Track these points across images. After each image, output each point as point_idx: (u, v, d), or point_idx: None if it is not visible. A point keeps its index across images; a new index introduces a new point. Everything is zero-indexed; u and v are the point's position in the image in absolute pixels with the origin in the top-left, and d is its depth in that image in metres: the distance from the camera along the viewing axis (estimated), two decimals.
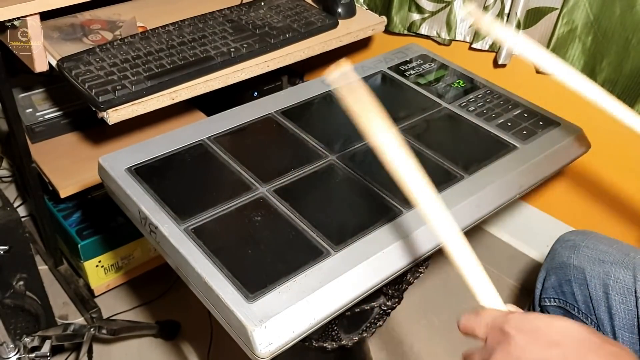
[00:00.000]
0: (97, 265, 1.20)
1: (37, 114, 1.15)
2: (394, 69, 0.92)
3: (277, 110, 0.81)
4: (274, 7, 1.10)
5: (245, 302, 0.54)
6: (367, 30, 1.12)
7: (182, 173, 0.70)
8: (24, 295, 1.00)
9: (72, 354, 1.16)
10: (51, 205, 1.22)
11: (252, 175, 0.69)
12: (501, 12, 1.09)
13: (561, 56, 1.06)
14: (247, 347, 0.53)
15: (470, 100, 0.85)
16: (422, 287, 1.35)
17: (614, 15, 0.97)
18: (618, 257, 0.77)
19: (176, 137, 0.74)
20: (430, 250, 0.64)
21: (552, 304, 0.83)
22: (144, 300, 1.29)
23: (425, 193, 0.51)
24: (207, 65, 0.92)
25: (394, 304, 0.78)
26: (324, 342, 0.75)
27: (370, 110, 0.53)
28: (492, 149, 0.76)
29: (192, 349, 1.21)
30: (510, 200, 0.72)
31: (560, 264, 0.81)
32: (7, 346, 0.86)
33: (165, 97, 0.88)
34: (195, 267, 0.57)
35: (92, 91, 0.84)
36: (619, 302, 0.75)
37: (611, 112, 0.63)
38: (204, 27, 1.00)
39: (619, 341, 0.75)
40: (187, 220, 0.62)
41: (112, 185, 0.68)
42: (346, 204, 0.68)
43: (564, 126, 0.82)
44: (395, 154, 0.52)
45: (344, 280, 0.57)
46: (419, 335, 1.26)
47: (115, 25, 1.03)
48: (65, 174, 1.06)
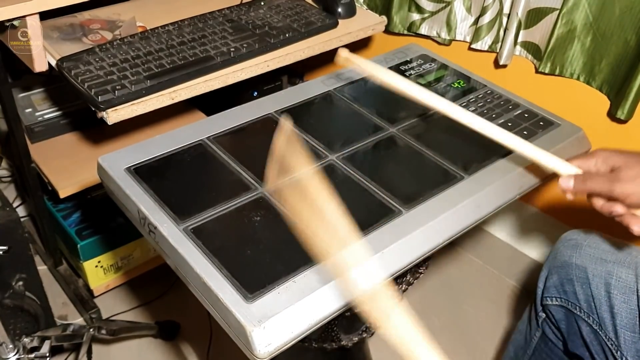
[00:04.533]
0: (96, 265, 1.20)
1: (36, 114, 1.15)
2: (394, 69, 0.92)
3: (277, 110, 0.81)
4: (274, 6, 1.10)
5: (244, 302, 0.53)
6: (367, 30, 1.12)
7: (181, 173, 0.70)
8: (24, 295, 1.00)
9: (72, 354, 1.16)
10: (50, 205, 1.22)
11: (251, 175, 0.69)
12: (500, 12, 1.09)
13: (560, 56, 1.06)
14: (246, 347, 0.52)
15: (471, 100, 0.85)
16: (422, 288, 1.35)
17: (613, 16, 0.97)
18: (620, 257, 0.77)
19: (176, 137, 0.74)
20: (430, 251, 0.64)
21: (554, 303, 0.83)
22: (143, 301, 1.29)
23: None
24: (206, 65, 0.92)
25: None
26: (323, 343, 0.75)
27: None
28: (493, 150, 0.76)
29: (191, 350, 1.21)
30: (510, 200, 0.72)
31: (563, 263, 0.81)
32: (7, 346, 0.86)
33: (164, 97, 0.88)
34: (194, 267, 0.57)
35: (91, 91, 0.84)
36: (621, 302, 0.75)
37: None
38: (203, 27, 1.00)
39: (620, 340, 0.75)
40: (187, 220, 0.62)
41: (112, 185, 0.68)
42: (346, 204, 0.68)
43: (564, 126, 0.82)
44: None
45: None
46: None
47: (115, 25, 1.03)
48: (65, 174, 1.06)
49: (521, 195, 0.74)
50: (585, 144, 0.81)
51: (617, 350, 0.76)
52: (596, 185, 0.61)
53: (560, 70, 1.07)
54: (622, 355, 0.75)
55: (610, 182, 0.60)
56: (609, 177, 0.61)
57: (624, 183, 0.60)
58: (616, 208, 0.61)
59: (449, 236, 0.65)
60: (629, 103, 0.96)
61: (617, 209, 0.61)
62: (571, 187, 0.63)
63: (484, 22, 1.10)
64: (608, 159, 0.63)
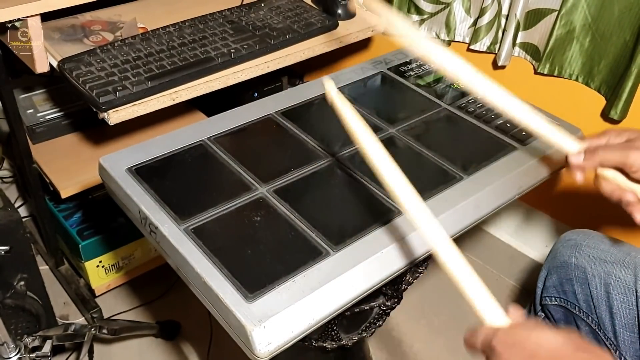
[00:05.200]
0: (97, 265, 1.20)
1: (38, 115, 1.15)
2: (394, 70, 0.92)
3: (277, 110, 0.81)
4: (274, 8, 1.10)
5: (244, 302, 0.54)
6: (367, 32, 1.12)
7: (182, 173, 0.70)
8: (25, 295, 1.00)
9: (73, 354, 1.17)
10: (52, 205, 1.22)
11: (251, 176, 0.69)
12: (498, 13, 1.09)
13: (559, 57, 1.06)
14: (247, 347, 0.53)
15: (470, 101, 0.86)
16: (422, 287, 1.35)
17: (612, 16, 0.98)
18: (619, 257, 0.77)
19: (176, 138, 0.75)
20: (430, 251, 0.64)
21: (553, 302, 0.83)
22: (144, 300, 1.29)
23: (414, 202, 0.53)
24: (207, 66, 0.92)
25: (394, 304, 0.78)
26: (323, 342, 0.76)
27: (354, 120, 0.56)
28: (492, 150, 0.76)
29: (192, 349, 1.22)
30: (509, 200, 0.72)
31: (562, 263, 0.81)
32: (8, 346, 0.86)
33: (165, 97, 0.88)
34: (195, 267, 0.57)
35: (92, 92, 0.84)
36: (620, 302, 0.75)
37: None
38: (204, 28, 1.01)
39: (619, 340, 0.75)
40: (187, 221, 0.62)
41: (113, 186, 0.69)
42: (346, 204, 0.69)
43: (563, 127, 0.82)
44: (381, 163, 0.54)
45: (343, 281, 0.57)
46: (419, 335, 1.26)
47: (116, 26, 1.03)
48: (66, 174, 1.07)
49: (520, 195, 0.74)
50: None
51: (616, 350, 0.76)
52: (609, 155, 0.59)
53: (559, 71, 1.07)
54: (621, 355, 0.76)
55: (624, 150, 0.58)
56: (623, 145, 0.59)
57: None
58: (628, 196, 0.59)
59: (449, 236, 0.65)
60: (622, 103, 0.97)
61: (629, 196, 0.59)
62: (582, 162, 0.61)
63: (482, 23, 1.11)
64: (622, 133, 0.61)
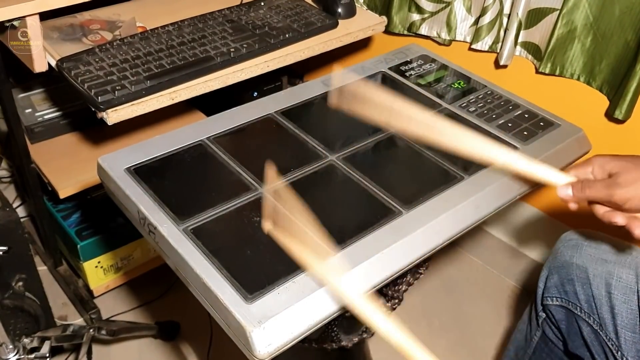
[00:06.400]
0: (96, 265, 1.20)
1: (36, 114, 1.15)
2: (395, 69, 0.92)
3: (277, 110, 0.81)
4: (274, 7, 1.10)
5: (244, 302, 0.53)
6: (367, 31, 1.12)
7: (181, 173, 0.70)
8: (24, 295, 1.00)
9: (72, 354, 1.16)
10: (50, 205, 1.22)
11: (251, 176, 0.69)
12: (500, 12, 1.09)
13: (560, 57, 1.06)
14: (246, 348, 0.52)
15: (471, 100, 0.85)
16: (422, 288, 1.35)
17: (613, 16, 0.97)
18: (621, 257, 0.77)
19: (175, 138, 0.74)
20: (430, 251, 0.64)
21: (554, 303, 0.83)
22: (143, 301, 1.29)
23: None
24: (206, 66, 0.92)
25: (394, 304, 0.78)
26: (323, 343, 0.75)
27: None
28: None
29: (191, 350, 1.21)
30: (510, 201, 0.72)
31: (563, 263, 0.81)
32: (7, 347, 0.86)
33: (164, 97, 0.88)
34: (194, 268, 0.57)
35: (91, 91, 0.84)
36: (621, 302, 0.75)
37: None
38: (203, 27, 1.00)
39: (621, 340, 0.75)
40: (186, 221, 0.62)
41: (112, 186, 0.68)
42: (345, 204, 0.68)
43: (565, 127, 0.81)
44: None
45: (343, 281, 0.57)
46: (419, 336, 1.25)
47: (115, 26, 1.03)
48: (65, 174, 1.06)
49: (521, 196, 0.74)
50: (585, 145, 0.81)
51: (618, 350, 0.76)
52: (595, 192, 0.61)
53: (561, 71, 1.07)
54: (622, 355, 0.75)
55: (608, 188, 0.60)
56: (607, 183, 0.61)
57: (623, 188, 0.59)
58: (617, 219, 0.61)
59: (449, 236, 0.65)
60: (627, 103, 0.96)
61: (617, 219, 0.61)
62: (570, 195, 0.63)
63: (484, 22, 1.10)
64: (605, 165, 0.63)
